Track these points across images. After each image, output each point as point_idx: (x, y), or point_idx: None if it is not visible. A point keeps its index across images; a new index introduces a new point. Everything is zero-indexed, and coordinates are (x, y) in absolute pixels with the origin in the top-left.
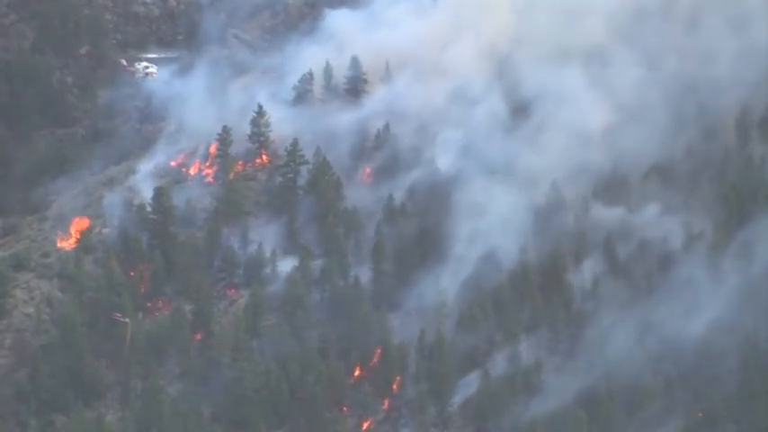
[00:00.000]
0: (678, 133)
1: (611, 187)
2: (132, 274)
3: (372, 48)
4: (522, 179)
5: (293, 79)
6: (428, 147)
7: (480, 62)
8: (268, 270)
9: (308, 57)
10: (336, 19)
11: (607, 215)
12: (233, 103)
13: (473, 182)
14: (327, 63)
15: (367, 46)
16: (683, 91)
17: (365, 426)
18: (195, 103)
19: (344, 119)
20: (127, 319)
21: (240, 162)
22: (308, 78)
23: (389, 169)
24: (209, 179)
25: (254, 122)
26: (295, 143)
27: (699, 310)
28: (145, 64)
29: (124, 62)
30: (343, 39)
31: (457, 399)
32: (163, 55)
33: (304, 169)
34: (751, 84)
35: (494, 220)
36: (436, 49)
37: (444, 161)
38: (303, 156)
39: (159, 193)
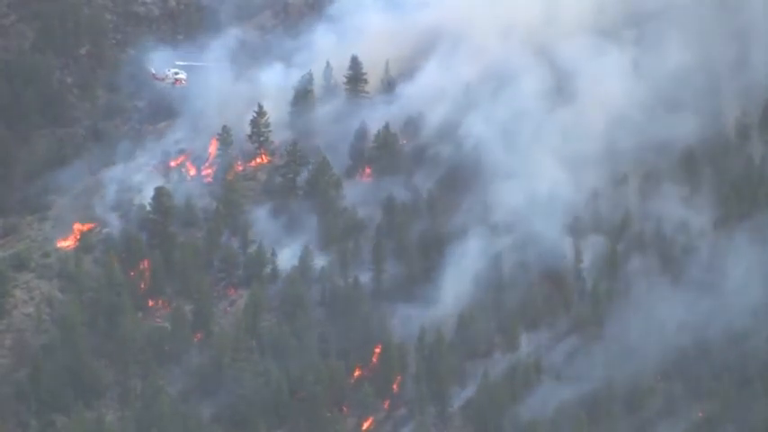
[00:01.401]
0: (704, 119)
1: (615, 178)
2: (132, 273)
3: (393, 29)
4: (533, 169)
5: (308, 68)
6: (454, 131)
7: (508, 41)
8: (268, 270)
9: (324, 44)
10: (354, 2)
11: (610, 206)
12: (237, 101)
13: (491, 168)
14: (327, 63)
15: (389, 27)
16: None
17: (365, 426)
18: (196, 102)
19: (356, 111)
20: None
21: (239, 162)
22: (307, 78)
23: (396, 164)
24: (209, 179)
25: (254, 123)
26: (294, 143)
27: (700, 308)
28: (174, 70)
29: (153, 70)
30: (361, 22)
31: (457, 398)
32: (193, 63)
33: (304, 168)
34: None
35: (501, 215)
36: (464, 27)
37: (468, 144)
38: (302, 155)
39: (159, 193)
